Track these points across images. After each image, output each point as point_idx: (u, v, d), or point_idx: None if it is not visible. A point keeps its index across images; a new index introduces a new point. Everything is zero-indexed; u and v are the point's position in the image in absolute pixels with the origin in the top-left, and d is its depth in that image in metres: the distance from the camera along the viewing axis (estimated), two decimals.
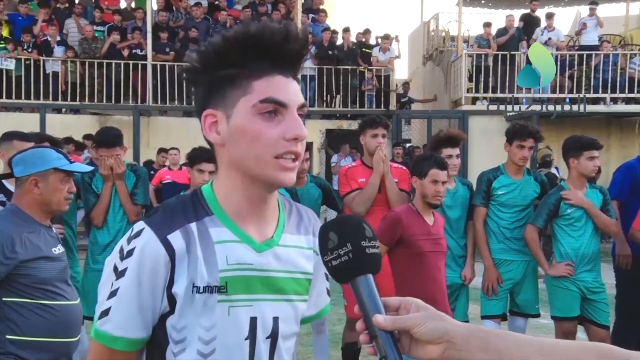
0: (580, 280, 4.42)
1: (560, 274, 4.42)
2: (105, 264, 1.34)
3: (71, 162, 2.88)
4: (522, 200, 4.61)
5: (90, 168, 2.95)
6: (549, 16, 13.74)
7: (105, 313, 1.29)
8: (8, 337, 2.66)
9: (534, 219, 4.50)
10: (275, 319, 1.36)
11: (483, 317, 4.66)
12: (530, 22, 13.98)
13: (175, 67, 13.07)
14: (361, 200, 4.47)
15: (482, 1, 18.08)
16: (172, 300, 1.28)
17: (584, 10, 14.98)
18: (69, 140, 8.02)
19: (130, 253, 1.28)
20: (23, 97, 13.06)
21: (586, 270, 4.43)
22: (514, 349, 1.04)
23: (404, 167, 4.84)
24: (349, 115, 13.89)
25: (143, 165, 9.05)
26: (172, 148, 10.04)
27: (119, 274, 1.29)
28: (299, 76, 1.38)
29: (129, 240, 1.30)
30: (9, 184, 3.78)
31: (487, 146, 12.40)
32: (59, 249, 2.83)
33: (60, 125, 11.57)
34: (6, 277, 2.65)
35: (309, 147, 5.18)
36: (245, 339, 1.32)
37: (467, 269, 4.58)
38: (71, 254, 4.08)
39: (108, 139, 4.47)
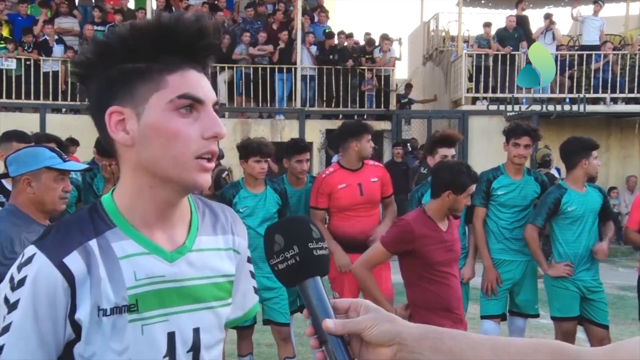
0: (580, 279, 4.42)
1: (560, 274, 4.42)
2: None
3: (65, 161, 2.82)
4: (521, 201, 4.61)
5: (84, 166, 2.91)
6: (547, 16, 13.73)
7: None
8: None
9: (533, 218, 4.50)
10: (196, 330, 1.26)
11: (483, 317, 4.67)
12: (519, 23, 13.95)
13: None
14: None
15: (482, 1, 18.07)
16: (76, 327, 1.15)
17: (584, 10, 14.95)
18: (73, 141, 8.02)
19: (21, 282, 1.14)
20: (23, 97, 13.05)
21: (585, 269, 4.43)
22: (468, 350, 1.02)
23: (381, 165, 4.90)
24: (349, 115, 13.88)
25: None
26: None
27: (11, 306, 1.14)
28: (209, 71, 1.28)
29: (19, 268, 1.16)
30: (8, 184, 3.78)
31: (487, 146, 12.40)
32: None
33: (60, 125, 11.55)
34: None
35: (309, 147, 5.18)
36: (164, 356, 1.21)
37: (466, 268, 4.58)
38: None
39: (109, 150, 4.49)
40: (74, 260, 1.16)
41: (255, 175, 4.47)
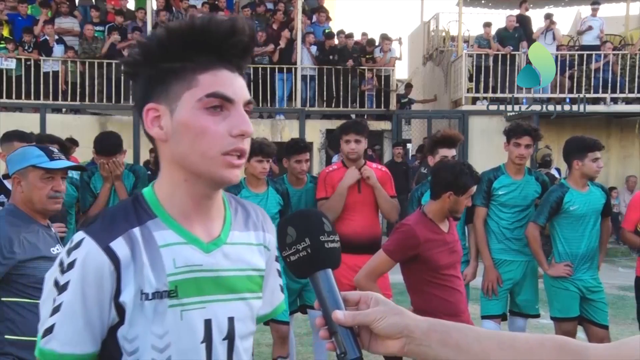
0: (579, 279, 4.42)
1: (560, 274, 4.41)
2: (45, 278, 1.27)
3: (54, 160, 2.76)
4: (522, 201, 4.60)
5: (70, 164, 2.88)
6: (547, 16, 13.74)
7: (49, 330, 1.21)
8: (7, 337, 2.66)
9: (535, 217, 4.48)
10: (231, 319, 1.31)
11: (483, 317, 4.66)
12: (521, 23, 13.96)
13: None
14: (327, 210, 4.44)
15: (482, 1, 18.06)
16: (120, 310, 1.22)
17: (584, 10, 14.98)
18: (73, 141, 8.02)
19: (71, 265, 1.22)
20: (23, 97, 13.05)
21: (584, 269, 4.42)
22: (475, 343, 1.04)
23: (385, 169, 4.86)
24: (349, 115, 13.88)
25: (143, 165, 9.03)
26: None
27: (61, 288, 1.22)
28: (244, 72, 1.32)
29: (68, 252, 1.23)
30: (10, 184, 3.78)
31: (487, 146, 12.40)
32: (57, 249, 2.81)
33: (61, 125, 11.55)
34: (5, 278, 2.65)
35: (309, 147, 5.17)
36: (201, 342, 1.27)
37: (469, 269, 4.57)
38: None
39: (107, 148, 4.50)
40: (119, 245, 1.22)
41: (256, 175, 4.47)
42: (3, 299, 2.67)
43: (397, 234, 3.35)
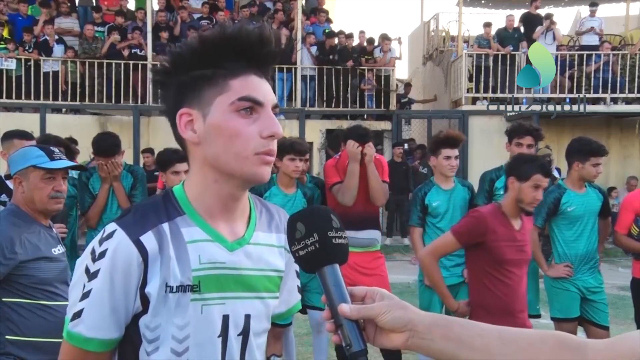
0: (580, 280, 4.42)
1: (559, 275, 4.41)
2: (75, 265, 1.34)
3: (54, 160, 2.77)
4: None
5: (71, 164, 2.88)
6: (547, 17, 13.74)
7: (78, 315, 1.29)
8: (8, 337, 2.66)
9: (533, 218, 4.48)
10: (247, 317, 1.37)
11: None
12: (530, 21, 13.96)
13: None
14: (345, 190, 4.48)
15: (482, 1, 18.07)
16: (145, 300, 1.29)
17: (584, 10, 14.98)
18: (72, 140, 8.01)
19: (102, 254, 1.28)
20: (23, 97, 13.05)
21: (585, 270, 4.42)
22: (477, 337, 1.07)
23: (380, 156, 4.90)
24: (349, 116, 13.89)
25: (143, 166, 9.05)
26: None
27: (91, 275, 1.29)
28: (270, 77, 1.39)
29: (100, 242, 1.30)
30: (12, 184, 3.78)
31: (487, 146, 12.40)
32: (58, 250, 2.81)
33: (61, 125, 11.55)
34: (6, 278, 2.65)
35: (309, 147, 5.16)
36: (218, 336, 1.33)
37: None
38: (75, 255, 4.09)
39: (105, 149, 4.48)
40: (148, 239, 1.29)
41: (289, 173, 4.45)
42: (4, 299, 2.67)
43: (468, 218, 3.41)
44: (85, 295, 1.28)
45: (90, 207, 4.51)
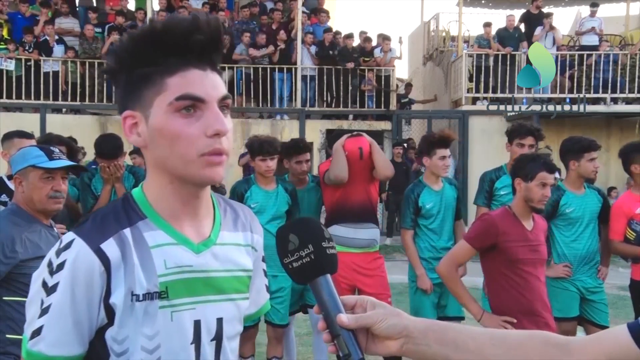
0: (579, 281, 4.42)
1: (559, 275, 4.41)
2: (32, 279, 1.26)
3: (53, 160, 2.77)
4: None
5: (69, 163, 2.88)
6: (547, 16, 13.75)
7: (38, 332, 1.21)
8: (8, 336, 2.67)
9: None
10: (219, 320, 1.32)
11: None
12: (531, 21, 13.96)
13: None
14: (333, 165, 4.54)
15: (482, 1, 18.07)
16: (110, 312, 1.22)
17: (584, 10, 14.99)
18: (74, 141, 8.02)
19: (60, 266, 1.21)
20: (23, 97, 13.06)
21: (584, 271, 4.42)
22: (470, 340, 1.12)
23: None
24: (349, 116, 13.89)
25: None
26: None
27: (50, 289, 1.21)
28: (219, 67, 1.30)
29: (58, 253, 1.22)
30: (12, 184, 3.79)
31: (487, 146, 12.41)
32: None
33: (61, 125, 11.56)
34: (7, 277, 2.66)
35: (309, 147, 5.18)
36: (191, 343, 1.27)
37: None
38: None
39: (108, 152, 4.51)
40: (110, 246, 1.22)
41: (262, 173, 4.51)
42: (4, 298, 2.68)
43: (479, 222, 3.46)
44: (45, 311, 1.20)
45: (92, 208, 4.53)
